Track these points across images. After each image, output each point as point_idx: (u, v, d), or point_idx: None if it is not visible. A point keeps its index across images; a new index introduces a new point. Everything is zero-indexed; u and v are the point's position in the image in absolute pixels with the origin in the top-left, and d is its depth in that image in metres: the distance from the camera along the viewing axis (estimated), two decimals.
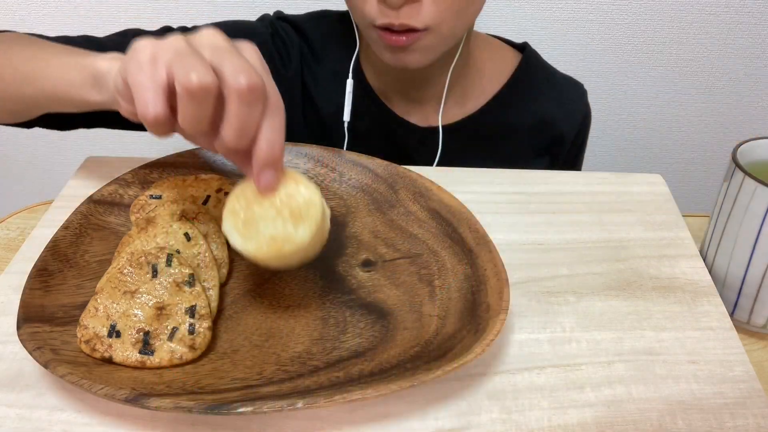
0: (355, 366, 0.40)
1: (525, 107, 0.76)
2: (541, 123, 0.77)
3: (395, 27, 0.59)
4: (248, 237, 0.40)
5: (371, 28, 0.61)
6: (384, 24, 0.59)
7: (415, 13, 0.58)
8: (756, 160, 0.51)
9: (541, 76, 0.79)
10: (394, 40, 0.60)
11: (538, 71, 0.78)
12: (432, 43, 0.61)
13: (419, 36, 0.60)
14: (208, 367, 0.40)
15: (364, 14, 0.60)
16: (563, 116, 0.78)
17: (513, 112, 0.76)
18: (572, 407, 0.40)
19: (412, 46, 0.61)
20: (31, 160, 1.35)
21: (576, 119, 0.79)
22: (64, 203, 0.53)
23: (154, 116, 0.37)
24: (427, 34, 0.60)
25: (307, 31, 0.74)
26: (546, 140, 0.78)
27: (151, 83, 0.37)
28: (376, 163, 0.54)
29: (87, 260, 0.46)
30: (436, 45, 0.62)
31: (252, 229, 0.40)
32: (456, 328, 0.42)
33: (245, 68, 0.37)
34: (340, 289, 0.46)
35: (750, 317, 0.51)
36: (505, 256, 0.46)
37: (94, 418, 0.38)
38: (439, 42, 0.62)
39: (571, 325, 0.45)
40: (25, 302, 0.41)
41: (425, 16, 0.58)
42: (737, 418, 0.39)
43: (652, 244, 0.52)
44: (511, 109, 0.76)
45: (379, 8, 0.58)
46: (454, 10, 0.59)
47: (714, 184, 1.42)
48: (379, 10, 0.59)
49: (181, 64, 0.37)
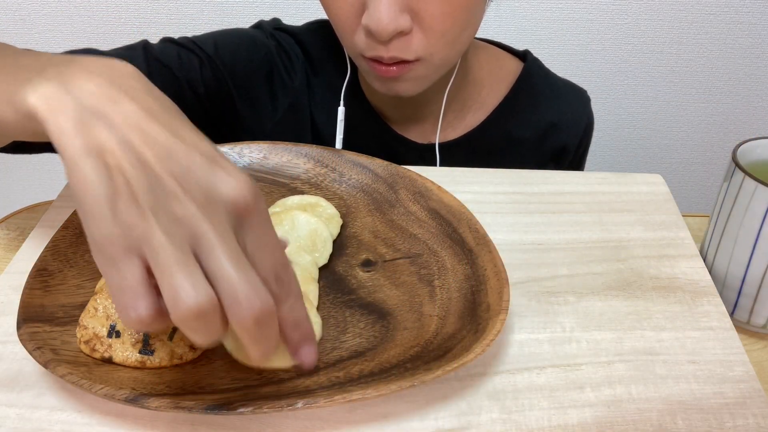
0: (355, 366, 0.40)
1: (526, 118, 0.74)
2: (544, 133, 0.75)
3: (385, 60, 0.57)
4: (240, 344, 0.37)
5: (360, 57, 0.59)
6: (373, 56, 0.57)
7: (405, 45, 0.56)
8: (756, 160, 0.51)
9: (543, 85, 0.76)
10: (384, 71, 0.58)
11: (540, 80, 0.76)
12: (424, 73, 0.59)
13: (411, 67, 0.58)
14: (208, 367, 0.40)
15: (353, 45, 0.58)
16: (566, 125, 0.76)
17: (514, 124, 0.74)
18: (572, 407, 0.40)
19: (403, 76, 0.58)
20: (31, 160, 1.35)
21: (579, 127, 0.77)
22: (64, 203, 0.53)
23: (138, 321, 0.30)
24: (418, 65, 0.58)
25: (307, 44, 0.72)
26: (549, 150, 0.76)
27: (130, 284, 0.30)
28: (376, 163, 0.54)
29: (87, 260, 0.46)
30: (429, 74, 0.60)
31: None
32: (456, 328, 0.42)
33: (244, 289, 0.30)
34: (340, 289, 0.46)
35: (750, 317, 0.51)
36: (505, 256, 0.46)
37: (94, 418, 0.38)
38: (432, 71, 0.60)
39: (571, 325, 0.45)
40: (25, 302, 0.41)
41: (416, 48, 0.56)
42: (737, 418, 0.39)
43: (652, 244, 0.52)
44: (513, 121, 0.74)
45: (368, 40, 0.56)
46: (447, 40, 0.57)
47: (714, 184, 1.42)
48: (368, 43, 0.56)
49: (171, 279, 0.29)
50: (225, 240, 0.31)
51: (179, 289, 0.29)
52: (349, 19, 0.57)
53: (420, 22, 0.55)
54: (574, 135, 0.77)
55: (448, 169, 0.59)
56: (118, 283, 0.30)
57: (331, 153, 0.55)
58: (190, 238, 0.30)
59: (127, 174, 0.31)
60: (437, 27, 0.55)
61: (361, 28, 0.56)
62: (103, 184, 0.30)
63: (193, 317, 0.30)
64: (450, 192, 0.50)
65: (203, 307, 0.29)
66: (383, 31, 0.53)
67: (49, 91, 0.32)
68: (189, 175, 0.31)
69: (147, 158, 0.31)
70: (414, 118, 0.72)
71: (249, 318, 0.30)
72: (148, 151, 0.31)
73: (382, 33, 0.54)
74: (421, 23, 0.55)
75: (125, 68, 0.34)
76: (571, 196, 0.57)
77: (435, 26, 0.55)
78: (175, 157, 0.31)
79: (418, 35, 0.56)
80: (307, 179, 0.54)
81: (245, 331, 0.31)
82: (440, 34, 0.56)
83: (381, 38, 0.54)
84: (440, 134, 0.72)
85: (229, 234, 0.31)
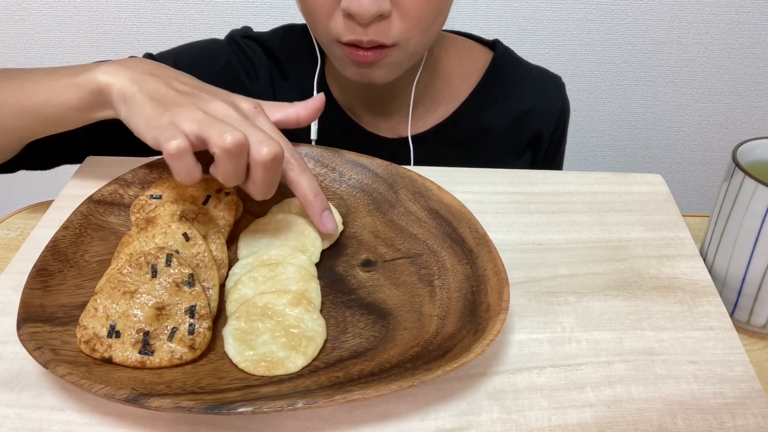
0: (355, 366, 0.40)
1: (498, 107, 0.75)
2: (517, 121, 0.75)
3: (363, 44, 0.57)
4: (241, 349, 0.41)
5: (335, 44, 0.60)
6: (351, 40, 0.57)
7: (384, 29, 0.57)
8: (756, 160, 0.51)
9: (514, 73, 0.77)
10: (362, 56, 0.58)
11: (510, 69, 0.76)
12: (398, 59, 0.60)
13: (387, 52, 0.59)
14: (208, 367, 0.40)
15: (329, 30, 0.59)
16: (540, 111, 0.76)
17: (486, 114, 0.74)
18: (572, 407, 0.40)
19: (378, 62, 0.59)
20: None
21: (553, 113, 0.77)
22: (64, 203, 0.53)
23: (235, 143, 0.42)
24: (394, 51, 0.59)
25: (274, 49, 0.73)
26: (524, 138, 0.76)
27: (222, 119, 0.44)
28: (376, 163, 0.54)
29: (87, 260, 0.46)
30: (403, 61, 0.61)
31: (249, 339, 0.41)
32: (456, 328, 0.42)
33: (265, 139, 0.43)
34: (340, 289, 0.46)
35: (750, 317, 0.51)
36: (505, 256, 0.46)
37: (94, 418, 0.38)
38: (405, 58, 0.61)
39: (571, 325, 0.45)
40: (25, 302, 0.41)
41: (394, 32, 0.57)
42: (737, 418, 0.39)
43: (652, 244, 0.52)
44: (484, 111, 0.74)
45: (346, 24, 0.57)
46: (422, 26, 0.58)
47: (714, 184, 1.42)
48: (346, 26, 0.57)
49: (213, 128, 0.42)
50: (247, 118, 0.45)
51: (224, 130, 0.41)
52: (326, 3, 0.57)
53: (398, 6, 0.56)
54: (549, 121, 0.77)
55: (448, 169, 0.59)
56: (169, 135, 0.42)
57: (331, 153, 0.55)
58: (222, 116, 0.44)
59: (172, 94, 0.46)
60: (414, 12, 0.57)
61: (338, 13, 0.57)
62: (154, 99, 0.45)
63: (235, 146, 0.41)
64: (450, 192, 0.50)
65: (240, 140, 0.41)
66: (365, 12, 0.54)
67: (112, 69, 0.47)
68: (216, 93, 0.48)
69: (184, 89, 0.47)
70: (383, 113, 0.72)
71: (269, 154, 0.42)
72: (184, 86, 0.47)
73: (364, 14, 0.55)
74: (400, 8, 0.56)
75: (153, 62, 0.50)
76: (571, 196, 0.57)
77: (413, 11, 0.57)
78: (204, 88, 0.48)
79: (396, 20, 0.57)
80: None
81: (263, 166, 0.43)
82: (417, 19, 0.58)
83: (362, 20, 0.55)
84: (411, 127, 0.72)
85: (249, 119, 0.46)
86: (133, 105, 0.45)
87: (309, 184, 0.46)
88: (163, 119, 0.43)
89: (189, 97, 0.45)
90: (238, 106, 0.47)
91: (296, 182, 0.46)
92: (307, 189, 0.46)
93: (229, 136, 0.41)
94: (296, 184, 0.46)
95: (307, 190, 0.46)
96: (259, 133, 0.43)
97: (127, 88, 0.46)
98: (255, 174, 0.43)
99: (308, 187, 0.46)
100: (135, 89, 0.46)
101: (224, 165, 0.42)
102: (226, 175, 0.43)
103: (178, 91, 0.46)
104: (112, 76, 0.47)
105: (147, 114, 0.44)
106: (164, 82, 0.46)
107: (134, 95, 0.45)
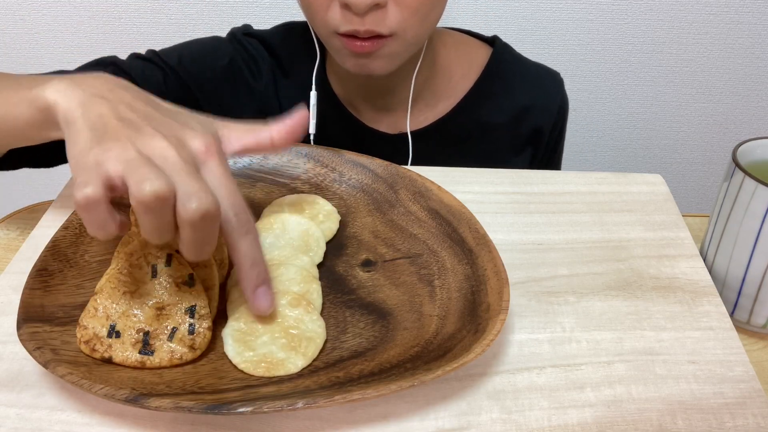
0: (355, 366, 0.40)
1: (498, 104, 0.75)
2: (517, 117, 0.75)
3: (360, 34, 0.58)
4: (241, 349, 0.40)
5: (334, 36, 0.60)
6: (348, 31, 0.58)
7: (381, 19, 0.57)
8: (756, 160, 0.51)
9: (513, 69, 0.77)
10: (359, 47, 0.59)
11: (510, 65, 0.77)
12: (396, 49, 0.60)
13: (384, 42, 0.59)
14: (208, 367, 0.40)
15: (326, 22, 0.59)
16: (539, 108, 0.76)
17: (486, 110, 0.74)
18: (572, 407, 0.40)
19: (376, 52, 0.60)
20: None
21: (552, 110, 0.77)
22: (64, 203, 0.53)
23: (153, 195, 0.35)
24: (391, 41, 0.59)
25: (275, 47, 0.74)
26: (524, 134, 0.77)
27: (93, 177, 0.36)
28: (376, 163, 0.54)
29: (87, 260, 0.46)
30: (401, 51, 0.61)
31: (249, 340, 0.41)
32: (456, 328, 0.42)
33: (197, 191, 0.35)
34: (340, 289, 0.46)
35: (750, 317, 0.51)
36: (505, 256, 0.46)
37: (94, 418, 0.38)
38: (403, 48, 0.61)
39: (571, 325, 0.45)
40: (25, 302, 0.41)
41: (391, 22, 0.58)
42: (737, 418, 0.39)
43: (652, 244, 0.52)
44: (484, 107, 0.74)
45: (343, 15, 0.57)
46: (419, 16, 0.59)
47: (714, 184, 1.42)
48: (343, 17, 0.57)
49: (136, 173, 0.35)
50: (188, 163, 0.37)
51: (146, 177, 0.35)
52: None
53: None
54: (548, 117, 0.77)
55: (448, 169, 0.59)
56: (84, 180, 0.36)
57: (331, 153, 0.55)
58: (158, 158, 0.37)
59: (114, 124, 0.38)
60: (411, 2, 0.57)
61: (335, 4, 0.58)
62: (93, 129, 0.38)
63: (153, 199, 0.34)
64: (450, 192, 0.50)
65: (162, 192, 0.34)
66: (361, 2, 0.55)
67: (63, 86, 0.41)
68: (164, 127, 0.39)
69: (131, 118, 0.39)
70: (383, 108, 0.73)
71: (198, 212, 0.35)
72: (133, 114, 0.39)
73: (360, 4, 0.55)
74: None
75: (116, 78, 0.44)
76: (571, 196, 0.57)
77: (409, 1, 0.57)
78: (154, 118, 0.40)
79: (393, 9, 0.57)
80: (307, 179, 0.54)
81: (191, 224, 0.35)
82: (414, 9, 0.58)
83: (358, 10, 0.56)
84: (411, 123, 0.72)
85: (193, 164, 0.38)
86: (71, 133, 0.39)
87: (248, 251, 0.39)
88: (89, 157, 0.37)
89: (129, 130, 0.38)
90: (185, 145, 0.39)
91: (233, 246, 0.39)
92: (244, 256, 0.39)
93: (147, 185, 0.34)
94: (233, 248, 0.39)
95: (244, 257, 0.39)
96: (193, 184, 0.36)
97: (71, 112, 0.40)
98: (182, 232, 0.36)
99: (246, 254, 0.39)
100: (78, 114, 0.40)
101: (141, 219, 0.36)
102: (145, 231, 0.36)
103: (122, 120, 0.39)
104: (62, 94, 0.41)
105: (79, 146, 0.38)
106: (111, 108, 0.40)
107: (75, 121, 0.39)
